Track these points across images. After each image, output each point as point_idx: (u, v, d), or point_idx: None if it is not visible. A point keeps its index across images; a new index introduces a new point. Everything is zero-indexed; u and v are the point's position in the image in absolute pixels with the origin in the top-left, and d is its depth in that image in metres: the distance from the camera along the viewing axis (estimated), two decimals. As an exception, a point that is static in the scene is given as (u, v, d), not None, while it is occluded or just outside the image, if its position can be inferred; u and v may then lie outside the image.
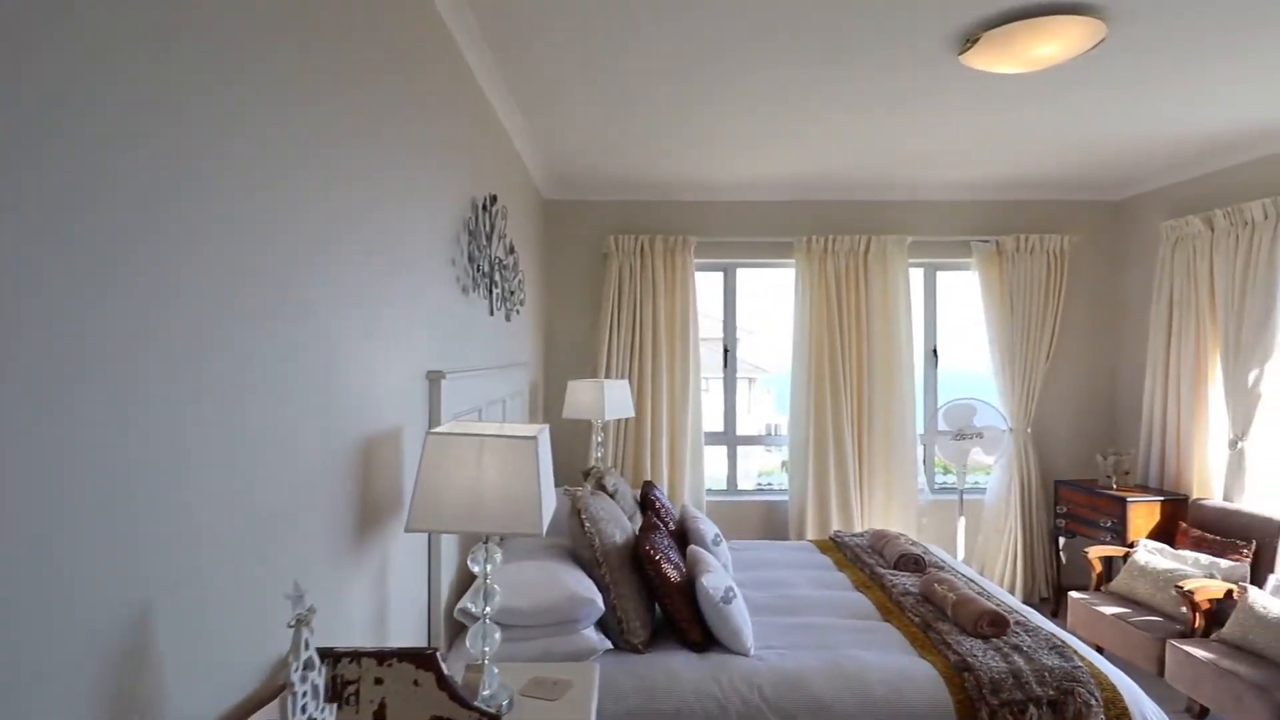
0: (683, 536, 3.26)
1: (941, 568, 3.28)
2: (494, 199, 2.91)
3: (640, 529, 2.57)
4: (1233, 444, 3.78)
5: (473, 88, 2.70)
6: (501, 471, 1.55)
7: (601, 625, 2.36)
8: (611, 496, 3.00)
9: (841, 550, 3.66)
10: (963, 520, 4.66)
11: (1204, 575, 3.43)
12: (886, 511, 4.63)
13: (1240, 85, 2.92)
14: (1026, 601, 4.59)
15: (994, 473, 4.78)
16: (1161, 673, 3.24)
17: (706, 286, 5.14)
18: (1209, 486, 3.95)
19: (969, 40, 2.32)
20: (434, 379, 2.06)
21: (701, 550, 2.65)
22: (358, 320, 1.57)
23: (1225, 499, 3.80)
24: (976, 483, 5.02)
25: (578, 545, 2.44)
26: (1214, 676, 2.92)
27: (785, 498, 4.80)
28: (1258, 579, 3.37)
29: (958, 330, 5.12)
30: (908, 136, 3.58)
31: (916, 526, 4.64)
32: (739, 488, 5.05)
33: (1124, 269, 4.79)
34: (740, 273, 5.00)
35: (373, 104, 1.67)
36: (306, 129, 1.33)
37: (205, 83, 1.02)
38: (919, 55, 2.54)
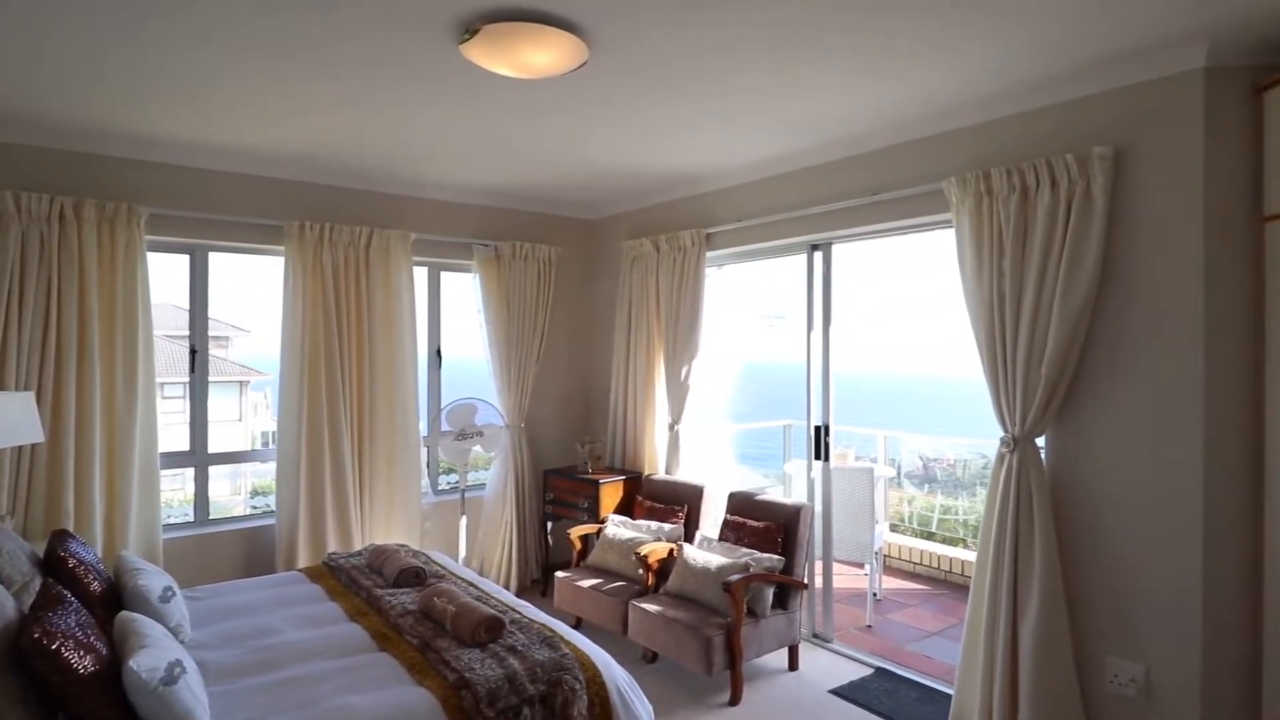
0: (119, 599, 2.48)
1: (443, 577, 3.19)
2: None
3: (31, 607, 1.81)
4: (671, 427, 4.64)
5: None
6: None
7: (-51, 768, 1.57)
8: (-16, 564, 2.08)
9: (335, 576, 3.29)
10: (465, 519, 4.73)
11: (654, 539, 4.10)
12: (389, 521, 4.40)
13: (677, 137, 3.54)
14: (520, 586, 4.91)
15: (492, 468, 4.99)
16: (626, 630, 3.75)
17: (169, 271, 4.14)
18: (656, 463, 4.79)
19: (469, 30, 2.24)
20: None
21: (135, 617, 2.00)
22: None
23: (667, 473, 4.65)
24: (478, 480, 5.17)
25: (-101, 656, 1.57)
26: (661, 625, 3.49)
27: (273, 521, 4.16)
28: (689, 536, 4.18)
29: (461, 331, 5.20)
30: (410, 124, 3.38)
31: (420, 532, 4.52)
32: (212, 516, 4.20)
33: (597, 280, 5.51)
34: (214, 257, 4.14)
35: None
36: None
37: None
38: (418, 37, 2.37)
